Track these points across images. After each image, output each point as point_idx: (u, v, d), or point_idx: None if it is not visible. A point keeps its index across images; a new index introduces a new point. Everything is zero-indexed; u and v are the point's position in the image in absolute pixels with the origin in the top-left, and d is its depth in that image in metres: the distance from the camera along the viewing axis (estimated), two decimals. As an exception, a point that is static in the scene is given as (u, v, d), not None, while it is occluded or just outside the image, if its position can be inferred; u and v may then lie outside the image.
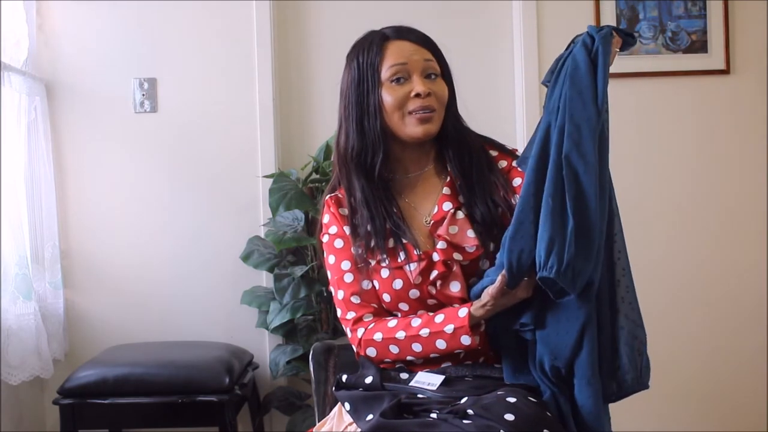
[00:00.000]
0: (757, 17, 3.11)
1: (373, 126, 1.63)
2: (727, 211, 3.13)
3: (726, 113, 3.13)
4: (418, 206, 1.69)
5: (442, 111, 1.65)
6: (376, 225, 1.62)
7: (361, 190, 1.65)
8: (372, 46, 1.64)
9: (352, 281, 1.64)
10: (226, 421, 2.55)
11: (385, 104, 1.62)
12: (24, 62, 2.89)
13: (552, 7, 3.10)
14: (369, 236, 1.62)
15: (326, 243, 1.69)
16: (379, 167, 1.64)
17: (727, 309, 3.12)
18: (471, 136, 1.72)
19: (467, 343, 1.52)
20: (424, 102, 1.61)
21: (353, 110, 1.65)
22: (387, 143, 1.65)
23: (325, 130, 3.04)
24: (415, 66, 1.62)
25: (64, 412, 2.55)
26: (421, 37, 1.67)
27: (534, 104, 3.09)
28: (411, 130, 1.62)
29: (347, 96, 1.66)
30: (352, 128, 1.65)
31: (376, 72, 1.62)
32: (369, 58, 1.63)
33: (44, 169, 2.92)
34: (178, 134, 3.07)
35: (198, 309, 3.05)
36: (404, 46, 1.63)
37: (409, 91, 1.61)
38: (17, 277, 2.64)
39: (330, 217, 1.70)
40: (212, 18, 3.06)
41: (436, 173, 1.71)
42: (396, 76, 1.61)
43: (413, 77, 1.62)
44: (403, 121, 1.62)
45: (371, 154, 1.64)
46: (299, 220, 2.83)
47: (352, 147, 1.65)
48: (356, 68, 1.65)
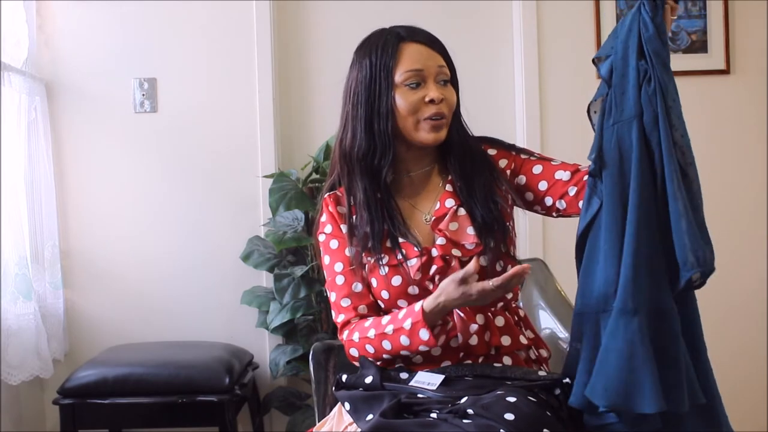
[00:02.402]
0: (757, 17, 3.11)
1: (383, 128, 1.61)
2: (727, 211, 3.12)
3: (726, 113, 3.13)
4: (418, 204, 1.69)
5: (450, 116, 1.65)
6: (375, 228, 1.62)
7: (363, 191, 1.64)
8: (386, 46, 1.62)
9: (343, 284, 1.64)
10: (226, 421, 2.55)
11: (398, 108, 1.61)
12: (24, 62, 2.90)
13: (552, 7, 3.10)
14: (366, 238, 1.62)
15: (322, 243, 1.69)
16: (388, 167, 1.63)
17: (727, 309, 3.11)
18: (471, 139, 1.72)
19: (425, 338, 1.52)
20: (438, 109, 1.60)
21: (362, 110, 1.63)
22: (396, 145, 1.64)
23: (325, 130, 3.04)
24: (430, 72, 1.61)
25: (64, 412, 2.55)
26: (435, 41, 1.66)
27: (534, 104, 3.09)
28: (423, 137, 1.62)
29: (356, 94, 1.64)
30: (359, 128, 1.63)
31: (390, 74, 1.61)
32: (383, 59, 1.61)
33: (44, 169, 2.92)
34: (178, 134, 3.07)
35: (198, 309, 3.05)
36: (420, 51, 1.62)
37: (423, 97, 1.60)
38: (17, 277, 2.64)
39: (327, 215, 1.69)
40: (212, 18, 3.06)
41: (438, 172, 1.70)
42: (411, 81, 1.60)
43: (428, 83, 1.61)
44: (417, 126, 1.61)
45: (379, 156, 1.63)
46: (299, 220, 2.83)
47: (359, 147, 1.63)
48: (368, 67, 1.62)
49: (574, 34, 3.11)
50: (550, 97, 3.11)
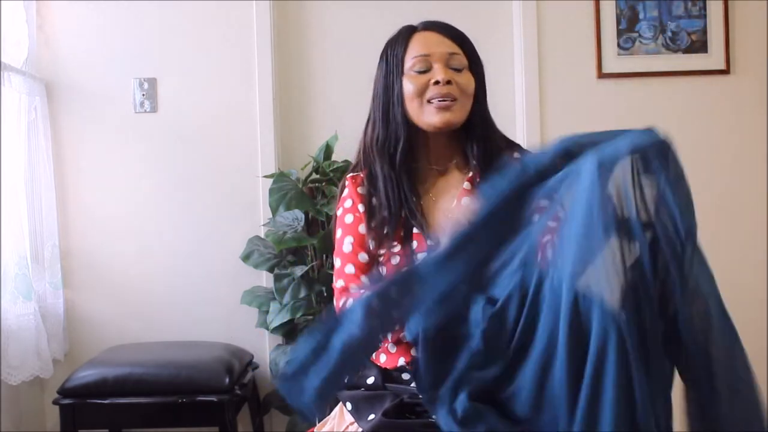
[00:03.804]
0: (757, 17, 3.11)
1: (396, 114, 1.64)
2: (727, 211, 3.13)
3: (726, 113, 3.13)
4: (439, 200, 1.68)
5: (466, 102, 1.64)
6: (392, 211, 1.62)
7: (383, 178, 1.65)
8: (399, 38, 1.66)
9: (350, 252, 1.65)
10: (226, 421, 2.55)
11: (405, 92, 1.63)
12: (24, 62, 2.90)
13: (552, 7, 3.10)
14: (384, 222, 1.62)
15: (339, 217, 1.70)
16: (401, 155, 1.64)
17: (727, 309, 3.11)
18: (498, 135, 1.72)
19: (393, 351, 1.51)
20: (442, 89, 1.60)
21: (380, 101, 1.66)
22: (410, 132, 1.65)
23: (325, 130, 3.04)
24: (437, 57, 1.62)
25: (64, 412, 2.55)
26: (449, 29, 1.67)
27: (534, 104, 3.09)
28: (429, 119, 1.62)
29: (376, 89, 1.68)
30: (378, 118, 1.67)
31: (401, 63, 1.64)
32: (395, 51, 1.65)
33: (44, 169, 2.92)
34: (178, 134, 3.07)
35: (198, 309, 3.05)
36: (429, 37, 1.64)
37: (429, 79, 1.61)
38: (17, 277, 2.64)
39: (349, 191, 1.70)
40: (212, 18, 3.06)
41: (459, 168, 1.70)
42: (418, 67, 1.62)
43: (434, 66, 1.62)
44: (422, 109, 1.62)
45: (394, 141, 1.65)
46: (299, 220, 2.83)
47: (377, 137, 1.66)
48: (384, 62, 1.67)
49: (574, 34, 3.11)
50: (550, 97, 3.11)
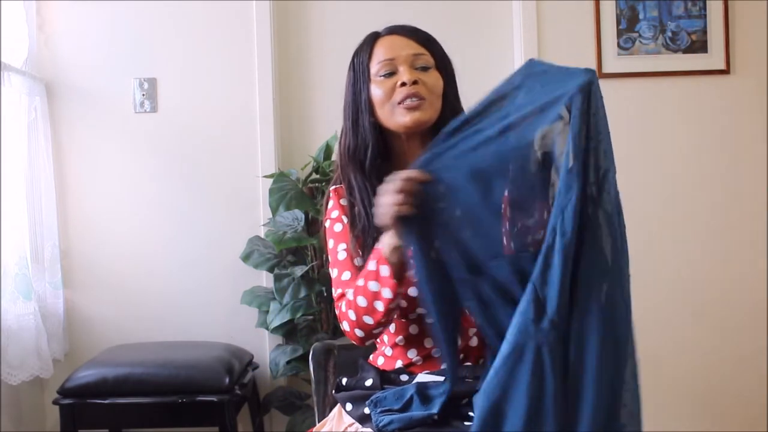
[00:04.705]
0: (757, 17, 3.11)
1: (364, 121, 1.64)
2: (727, 211, 3.12)
3: (726, 113, 3.13)
4: None
5: (435, 101, 1.63)
6: (371, 220, 1.61)
7: (358, 188, 1.65)
8: (364, 45, 1.66)
9: (345, 259, 1.64)
10: (226, 421, 2.55)
11: (374, 98, 1.62)
12: (24, 62, 2.90)
13: (552, 7, 3.10)
14: (365, 231, 1.62)
15: (328, 228, 1.70)
16: (372, 161, 1.63)
17: (727, 310, 3.11)
18: None
19: (386, 274, 1.46)
20: (410, 89, 1.59)
21: (349, 110, 1.66)
22: (383, 138, 1.65)
23: (325, 130, 3.04)
24: (402, 59, 1.61)
25: (64, 412, 2.55)
26: (413, 31, 1.66)
27: (534, 104, 3.08)
28: (400, 120, 1.60)
29: (345, 98, 1.68)
30: (348, 127, 1.66)
31: (366, 69, 1.63)
32: (361, 58, 1.65)
33: (44, 169, 2.92)
34: (178, 134, 3.07)
35: (198, 309, 3.05)
36: (394, 41, 1.64)
37: (395, 82, 1.60)
38: (17, 277, 2.64)
39: (333, 203, 1.71)
40: (212, 18, 3.06)
41: None
42: (384, 71, 1.61)
43: (400, 69, 1.61)
44: (393, 111, 1.61)
45: (363, 148, 1.65)
46: (299, 220, 2.84)
47: (348, 145, 1.66)
48: (352, 70, 1.66)
49: (574, 34, 3.11)
50: (550, 97, 3.10)
